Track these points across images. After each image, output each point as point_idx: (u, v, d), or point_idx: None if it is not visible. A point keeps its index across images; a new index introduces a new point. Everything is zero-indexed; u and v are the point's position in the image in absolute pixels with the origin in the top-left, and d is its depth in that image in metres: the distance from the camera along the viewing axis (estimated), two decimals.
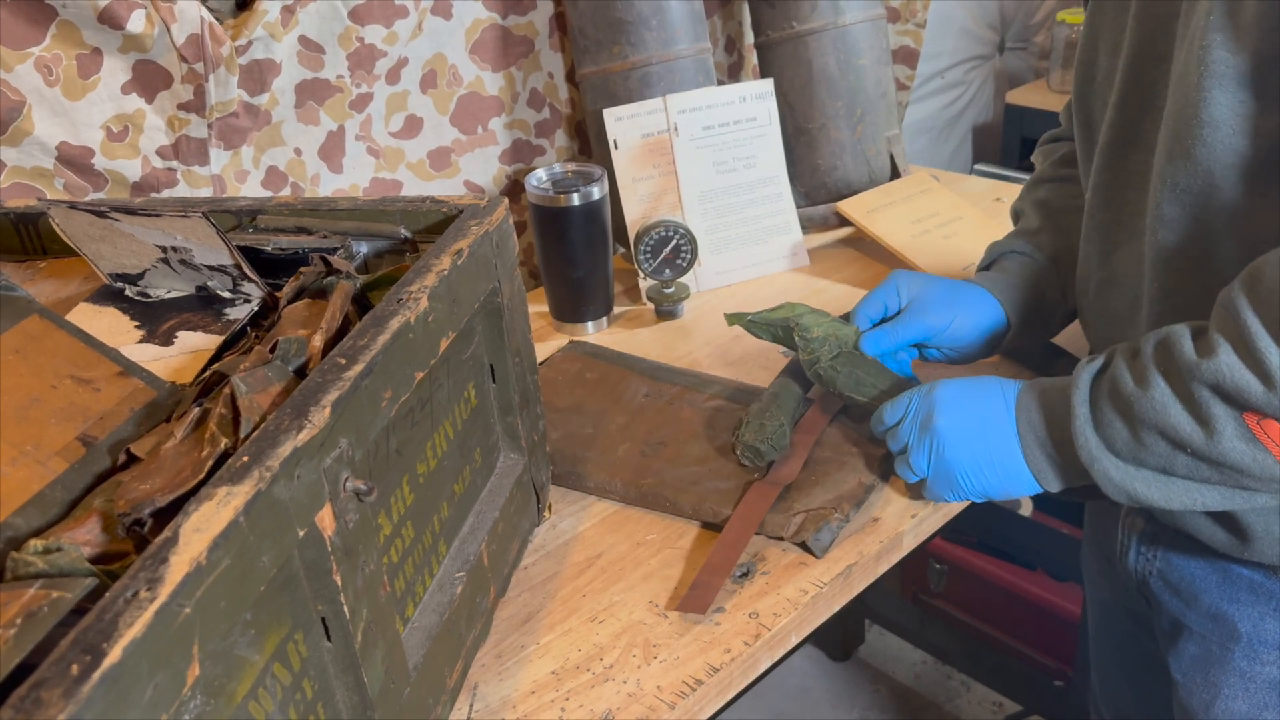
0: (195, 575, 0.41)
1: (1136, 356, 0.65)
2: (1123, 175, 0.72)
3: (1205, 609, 0.75)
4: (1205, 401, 0.60)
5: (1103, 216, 0.74)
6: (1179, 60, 0.66)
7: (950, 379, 0.77)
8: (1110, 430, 0.65)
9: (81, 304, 0.71)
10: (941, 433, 0.73)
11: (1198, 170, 0.63)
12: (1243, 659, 0.73)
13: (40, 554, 0.44)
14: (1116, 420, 0.64)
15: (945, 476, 0.75)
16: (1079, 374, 0.67)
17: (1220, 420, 0.59)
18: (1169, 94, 0.67)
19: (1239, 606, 0.73)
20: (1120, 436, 0.65)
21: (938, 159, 2.25)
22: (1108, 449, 0.65)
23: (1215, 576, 0.74)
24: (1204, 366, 0.59)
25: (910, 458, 0.77)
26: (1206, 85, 0.61)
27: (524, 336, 0.77)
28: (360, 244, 0.75)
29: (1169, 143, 0.65)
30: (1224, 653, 0.74)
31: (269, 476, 0.46)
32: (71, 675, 0.36)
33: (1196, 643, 0.76)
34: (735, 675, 0.71)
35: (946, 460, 0.74)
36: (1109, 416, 0.65)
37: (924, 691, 1.86)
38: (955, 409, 0.73)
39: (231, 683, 0.46)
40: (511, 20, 1.23)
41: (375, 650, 0.55)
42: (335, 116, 1.13)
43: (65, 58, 0.94)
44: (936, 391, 0.75)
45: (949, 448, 0.73)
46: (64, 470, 0.52)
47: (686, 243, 1.16)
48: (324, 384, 0.52)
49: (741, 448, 0.85)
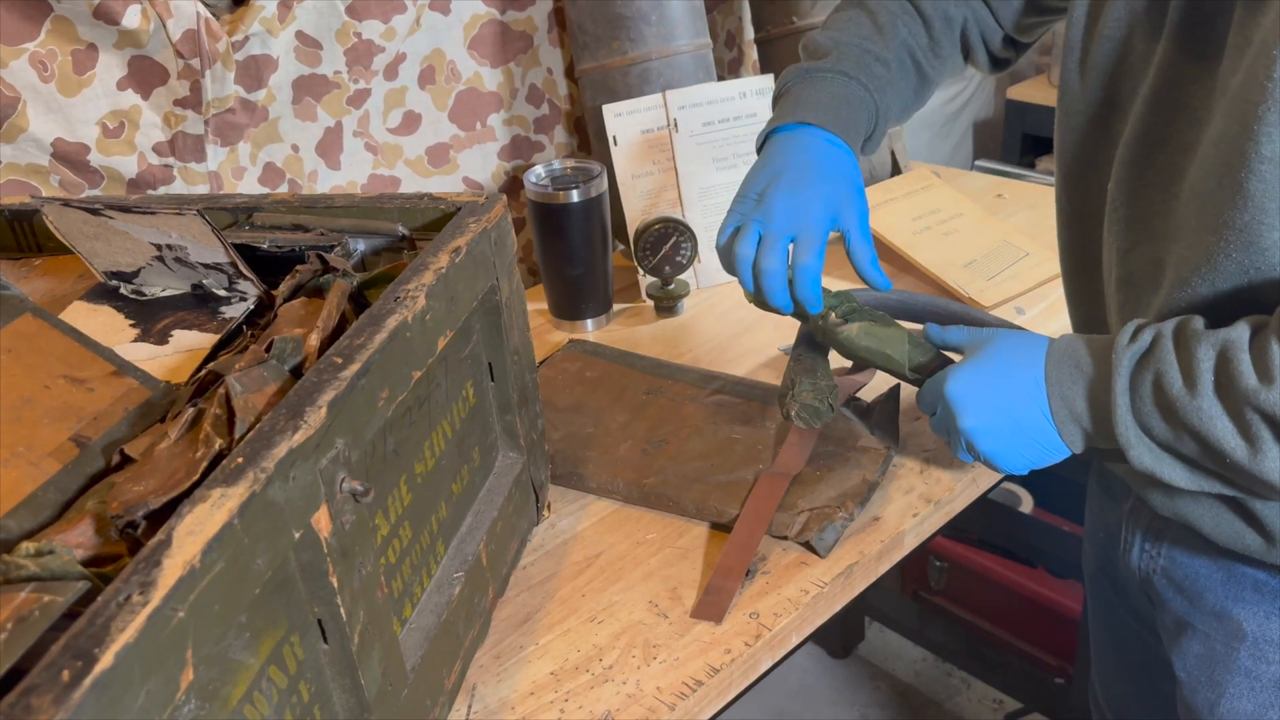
0: (189, 579, 0.41)
1: (1185, 350, 0.62)
2: (1149, 173, 0.69)
3: (1210, 608, 0.75)
4: (1255, 425, 0.58)
5: (1126, 212, 0.71)
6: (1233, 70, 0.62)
7: (969, 362, 0.73)
8: (1149, 420, 0.63)
9: (76, 302, 0.71)
10: (969, 432, 0.71)
11: (1249, 204, 0.60)
12: (1248, 658, 0.73)
13: (32, 557, 0.44)
14: (1156, 415, 0.63)
15: (987, 462, 0.74)
16: (1121, 356, 0.64)
17: (1268, 444, 0.59)
18: (1215, 105, 0.63)
19: (1244, 606, 0.72)
20: (1158, 428, 0.63)
21: (938, 155, 2.24)
22: (1144, 434, 0.64)
23: (1220, 575, 0.73)
24: (1262, 396, 0.58)
25: (952, 450, 0.75)
26: (1268, 118, 0.57)
27: (522, 334, 0.77)
28: (357, 241, 0.75)
29: (1217, 168, 0.62)
30: (1229, 652, 0.74)
31: (264, 478, 0.45)
32: (62, 681, 0.36)
33: (1201, 641, 0.76)
34: (736, 676, 0.71)
35: (983, 452, 0.72)
36: (1149, 408, 0.63)
37: (924, 689, 1.85)
38: (975, 406, 0.71)
39: (226, 686, 0.46)
40: (510, 16, 1.23)
41: (372, 652, 0.55)
42: (333, 113, 1.12)
43: (60, 53, 0.93)
44: (950, 389, 0.72)
45: (981, 442, 0.71)
46: (57, 471, 0.51)
47: (686, 239, 1.16)
48: (320, 384, 0.52)
49: (798, 408, 0.80)
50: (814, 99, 0.81)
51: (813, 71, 0.83)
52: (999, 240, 1.21)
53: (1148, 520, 0.79)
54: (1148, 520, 0.79)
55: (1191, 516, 0.72)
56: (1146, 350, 0.64)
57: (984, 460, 0.73)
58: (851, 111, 0.82)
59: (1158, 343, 0.64)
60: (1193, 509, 0.71)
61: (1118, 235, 0.72)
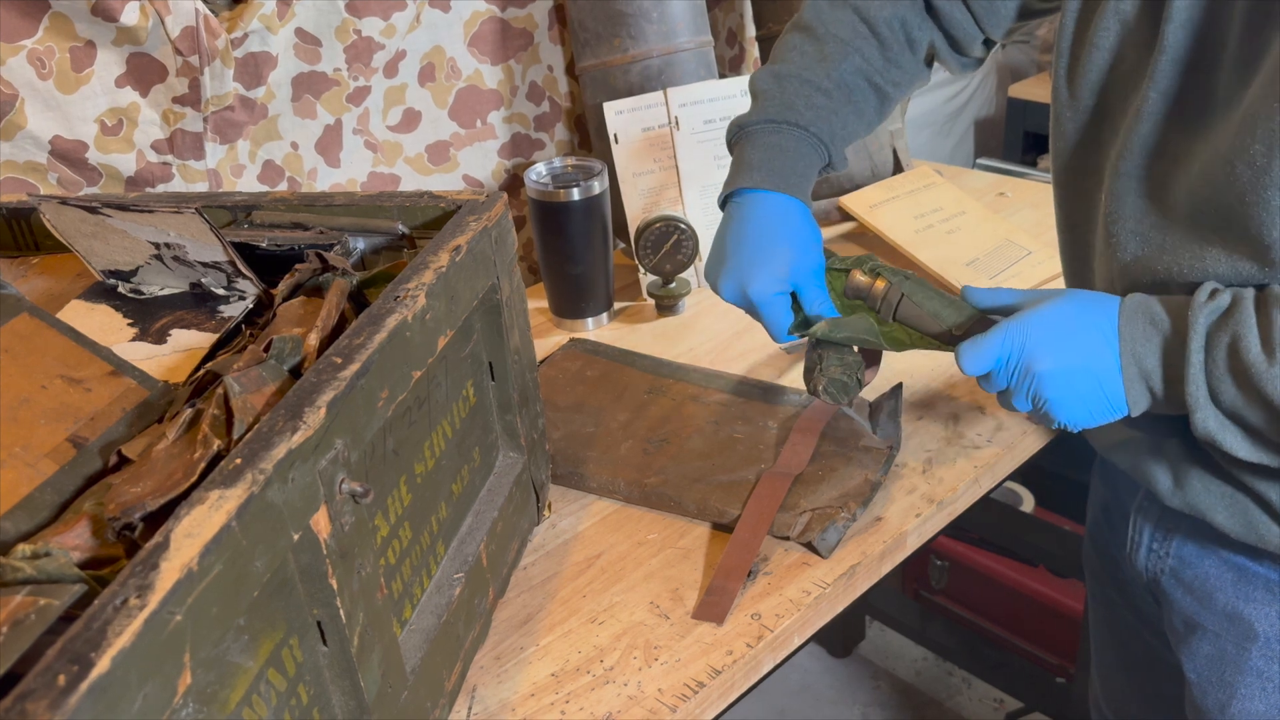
0: (186, 582, 0.40)
1: (1266, 315, 0.61)
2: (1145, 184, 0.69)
3: (1220, 608, 0.74)
4: None
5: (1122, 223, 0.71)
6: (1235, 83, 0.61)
7: (1041, 308, 0.70)
8: (1219, 384, 0.62)
9: (74, 301, 0.70)
10: (1044, 375, 0.68)
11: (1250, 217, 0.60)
12: (1260, 659, 0.72)
13: (28, 559, 0.43)
14: (1229, 379, 0.62)
15: (1043, 413, 0.71)
16: (1197, 315, 0.63)
17: None
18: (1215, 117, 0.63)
19: (1256, 606, 0.72)
20: (1228, 394, 0.62)
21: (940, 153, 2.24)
22: (1212, 400, 0.63)
23: (1231, 575, 0.73)
24: None
25: (1012, 400, 0.72)
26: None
27: (523, 334, 0.76)
28: (357, 240, 0.74)
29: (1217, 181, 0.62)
30: (1240, 653, 0.73)
31: (262, 479, 0.45)
32: (58, 686, 0.35)
33: (1211, 642, 0.75)
34: (737, 677, 0.70)
35: (1050, 400, 0.69)
36: (1221, 371, 0.62)
37: (925, 688, 1.85)
38: (1056, 349, 0.68)
39: (225, 689, 0.45)
40: (510, 13, 1.22)
41: (372, 654, 0.54)
42: (332, 110, 1.12)
43: (58, 50, 0.93)
44: (1032, 331, 0.69)
45: (1050, 389, 0.68)
46: (54, 472, 0.51)
47: (688, 238, 1.15)
48: (319, 384, 0.51)
49: (825, 383, 0.78)
50: (750, 160, 0.82)
51: (745, 127, 0.84)
52: (1001, 239, 1.20)
53: (1156, 517, 0.79)
54: (1156, 517, 0.79)
55: (1204, 508, 0.71)
56: (1225, 311, 0.63)
57: (1043, 410, 0.70)
58: (787, 159, 0.82)
59: (1237, 304, 0.62)
60: (1205, 500, 0.71)
61: (1115, 246, 0.71)
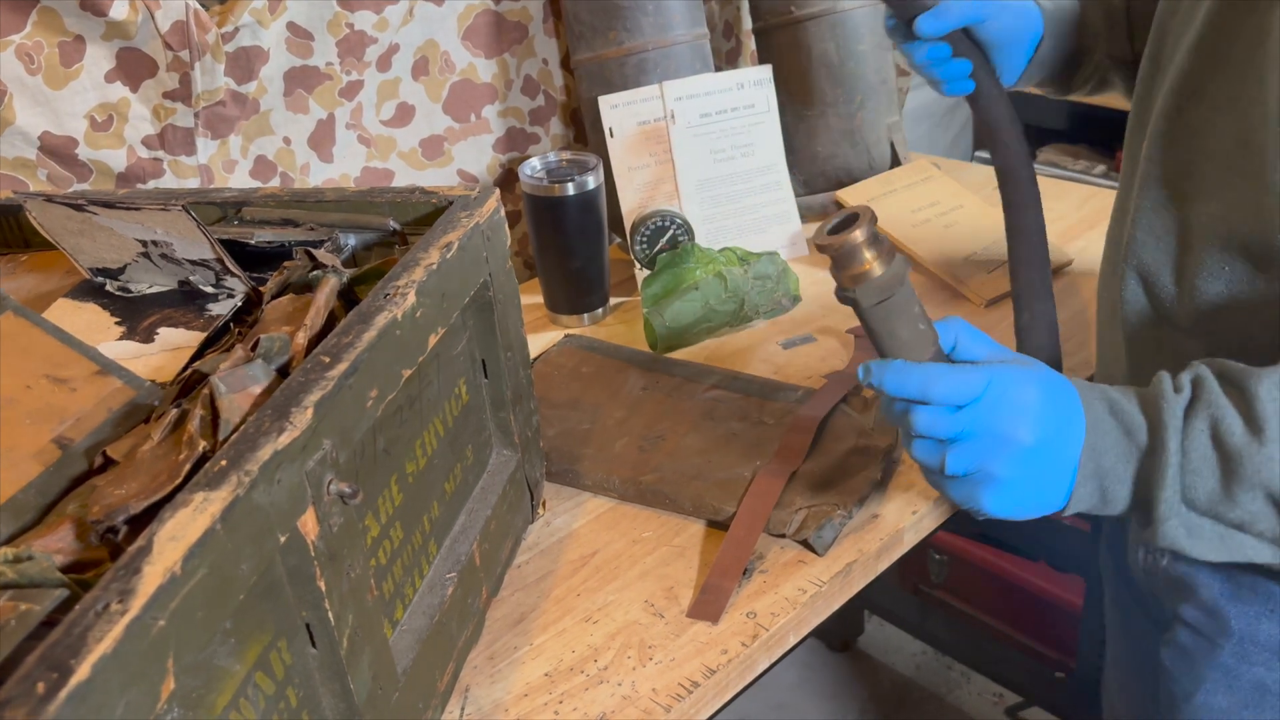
0: (169, 586, 0.40)
1: (1243, 396, 0.55)
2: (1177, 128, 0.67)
3: (1203, 602, 0.74)
4: None
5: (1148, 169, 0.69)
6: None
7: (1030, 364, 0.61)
8: (1194, 479, 0.56)
9: (61, 299, 0.70)
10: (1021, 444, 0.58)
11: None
12: (1231, 656, 0.72)
13: (10, 563, 0.43)
14: (1206, 469, 0.55)
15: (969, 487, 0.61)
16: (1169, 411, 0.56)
17: None
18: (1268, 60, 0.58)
19: (1237, 604, 0.71)
20: (1204, 488, 0.55)
21: (938, 146, 2.22)
22: (1183, 501, 0.56)
23: (1220, 577, 0.72)
24: None
25: (953, 452, 0.60)
26: None
27: (516, 330, 0.76)
28: (348, 236, 0.73)
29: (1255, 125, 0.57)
30: (1213, 647, 0.73)
31: (248, 481, 0.44)
32: (37, 694, 0.35)
33: (1188, 634, 0.75)
34: (732, 677, 0.70)
35: (995, 475, 0.59)
36: (1195, 465, 0.55)
37: (924, 682, 1.85)
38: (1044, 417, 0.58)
39: (211, 694, 0.45)
40: (504, 6, 1.21)
41: (362, 656, 0.54)
42: (325, 105, 1.11)
43: (47, 45, 0.92)
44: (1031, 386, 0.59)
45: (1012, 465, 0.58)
46: (38, 474, 0.50)
47: (684, 232, 1.14)
48: (307, 384, 0.51)
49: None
50: None
51: None
52: (1000, 233, 1.19)
53: None
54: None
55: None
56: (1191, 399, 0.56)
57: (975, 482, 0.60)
58: None
59: (1201, 388, 0.56)
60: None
61: (1138, 194, 0.69)
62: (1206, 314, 0.67)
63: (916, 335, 0.60)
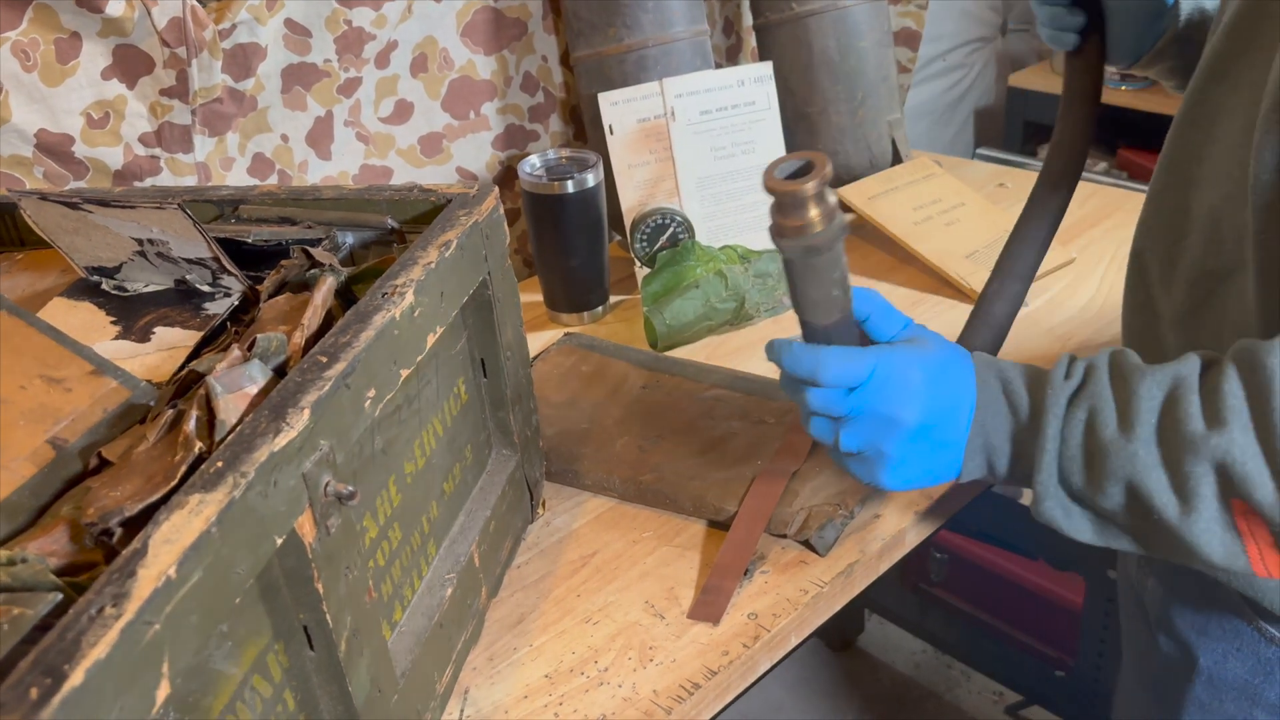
0: (164, 590, 0.39)
1: (1126, 391, 0.55)
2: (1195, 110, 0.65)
3: (1177, 634, 0.72)
4: (1196, 477, 0.52)
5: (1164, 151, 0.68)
6: None
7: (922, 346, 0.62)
8: (1070, 465, 0.57)
9: (56, 298, 0.69)
10: (906, 424, 0.60)
11: None
12: (1203, 692, 0.71)
13: (3, 566, 0.42)
14: (1081, 457, 0.56)
15: (869, 463, 0.63)
16: (1052, 396, 0.57)
17: (1204, 501, 0.52)
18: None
19: (1205, 640, 0.70)
20: (1078, 475, 0.57)
21: (939, 143, 2.22)
22: (1060, 484, 0.58)
23: (1190, 607, 0.71)
24: (1210, 443, 0.51)
25: (845, 430, 0.62)
26: None
27: (516, 329, 0.75)
28: (346, 235, 0.73)
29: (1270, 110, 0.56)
30: (1186, 682, 0.72)
31: (244, 483, 0.44)
32: (30, 700, 0.34)
33: (1163, 663, 0.74)
34: (734, 678, 0.69)
35: (886, 453, 0.61)
36: (1072, 451, 0.57)
37: (924, 681, 1.84)
38: (929, 398, 0.60)
39: (207, 697, 0.44)
40: (504, 2, 1.20)
41: (360, 658, 0.53)
42: (323, 102, 1.10)
43: (43, 42, 0.91)
44: (916, 369, 0.60)
45: (901, 443, 0.61)
46: (32, 475, 0.49)
47: (684, 230, 1.14)
48: (303, 384, 0.50)
49: None
50: None
51: None
52: (1001, 230, 1.19)
53: None
54: None
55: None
56: (1079, 384, 0.58)
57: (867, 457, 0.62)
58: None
59: (1090, 377, 0.57)
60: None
61: (1155, 176, 0.68)
62: (1186, 310, 0.65)
63: (828, 299, 0.61)
